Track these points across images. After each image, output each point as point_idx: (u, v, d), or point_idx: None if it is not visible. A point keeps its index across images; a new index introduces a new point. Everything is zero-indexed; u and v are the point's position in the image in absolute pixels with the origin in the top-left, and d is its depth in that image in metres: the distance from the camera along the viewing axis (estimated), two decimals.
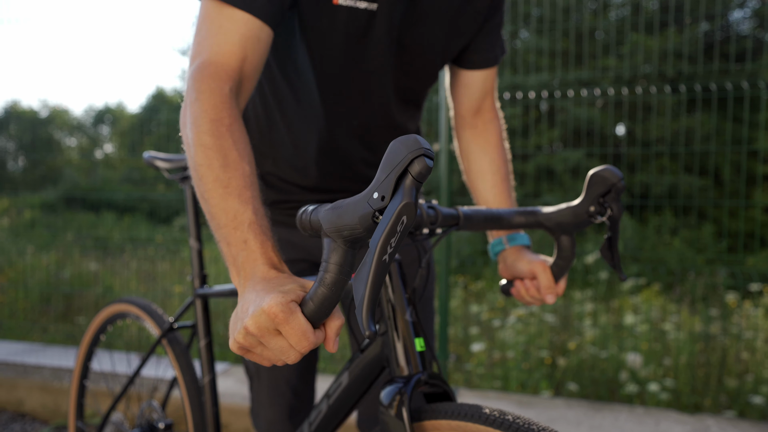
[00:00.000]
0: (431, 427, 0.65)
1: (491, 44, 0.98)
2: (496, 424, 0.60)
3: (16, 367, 2.68)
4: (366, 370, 0.77)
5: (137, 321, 1.35)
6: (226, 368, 2.66)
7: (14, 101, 15.11)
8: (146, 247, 4.06)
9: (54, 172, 8.54)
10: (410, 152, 0.48)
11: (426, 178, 0.48)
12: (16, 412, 2.52)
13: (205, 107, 0.68)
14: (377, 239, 0.47)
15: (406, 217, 0.47)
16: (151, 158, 1.28)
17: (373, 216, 0.49)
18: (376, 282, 0.48)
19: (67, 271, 3.96)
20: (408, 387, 0.66)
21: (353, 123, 0.95)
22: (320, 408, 0.84)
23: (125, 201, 7.06)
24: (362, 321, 0.48)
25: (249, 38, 0.74)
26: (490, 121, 1.04)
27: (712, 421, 2.13)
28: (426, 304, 1.08)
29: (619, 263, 0.79)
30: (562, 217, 0.79)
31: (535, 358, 2.74)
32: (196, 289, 1.18)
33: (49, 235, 4.70)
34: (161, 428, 1.26)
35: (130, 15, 29.42)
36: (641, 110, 2.90)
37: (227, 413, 2.26)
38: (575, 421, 2.11)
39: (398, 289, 0.73)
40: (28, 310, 3.58)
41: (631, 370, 2.56)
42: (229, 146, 0.66)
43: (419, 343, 0.71)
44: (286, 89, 0.95)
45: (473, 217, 0.75)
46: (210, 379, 1.16)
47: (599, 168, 0.77)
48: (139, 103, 19.53)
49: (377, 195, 0.49)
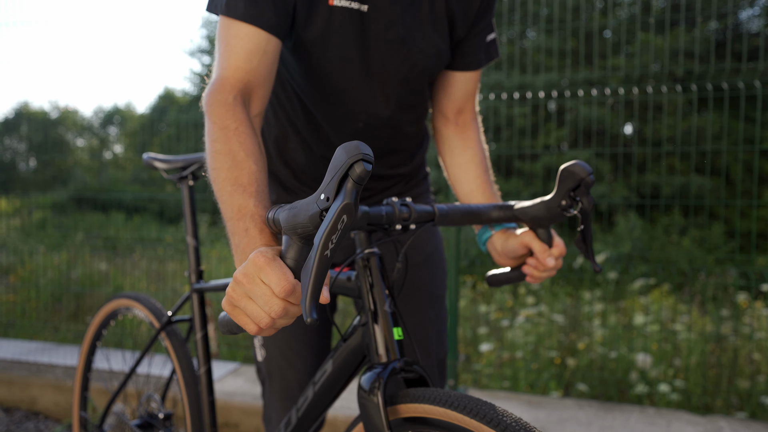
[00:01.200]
0: (404, 410, 0.71)
1: (477, 48, 1.00)
2: (460, 407, 0.65)
3: (29, 366, 2.71)
4: (349, 359, 0.82)
5: (137, 315, 1.39)
6: (236, 368, 2.68)
7: (25, 103, 15.29)
8: (155, 247, 4.09)
9: (64, 172, 8.62)
10: (350, 157, 0.52)
11: (365, 180, 0.53)
12: (29, 410, 2.55)
13: (213, 118, 0.76)
14: (320, 236, 0.52)
15: (346, 216, 0.52)
16: (150, 159, 1.34)
17: (320, 215, 0.54)
18: (319, 274, 0.53)
19: (78, 270, 3.99)
20: (384, 373, 0.71)
21: (358, 126, 0.97)
22: (306, 394, 0.89)
23: (134, 201, 7.12)
24: (305, 309, 0.52)
25: (254, 51, 0.81)
26: (472, 120, 1.07)
27: (725, 422, 2.12)
28: (437, 301, 1.09)
29: (593, 255, 0.84)
30: (536, 211, 0.83)
31: (544, 358, 2.73)
32: (193, 284, 1.24)
33: (60, 235, 4.75)
34: (161, 418, 1.30)
35: (139, 17, 29.61)
36: (651, 110, 2.88)
37: (238, 412, 2.28)
38: (586, 421, 2.11)
39: (378, 281, 0.77)
40: (40, 310, 3.62)
41: (641, 370, 2.54)
42: (237, 148, 0.73)
43: (397, 332, 0.76)
44: (293, 98, 0.98)
45: (450, 213, 0.79)
46: (206, 369, 1.21)
47: (569, 163, 0.80)
48: (148, 104, 19.68)
49: (323, 196, 0.54)
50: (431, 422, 0.68)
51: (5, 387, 2.59)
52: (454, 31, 0.96)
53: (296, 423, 0.90)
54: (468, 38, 0.99)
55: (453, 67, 1.02)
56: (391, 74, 0.93)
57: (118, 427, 1.39)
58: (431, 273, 1.08)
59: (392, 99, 0.96)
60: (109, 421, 1.41)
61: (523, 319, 3.07)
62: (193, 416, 1.22)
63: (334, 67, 0.91)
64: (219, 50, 0.82)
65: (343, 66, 0.91)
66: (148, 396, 1.36)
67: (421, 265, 1.06)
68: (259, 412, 2.25)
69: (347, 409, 2.15)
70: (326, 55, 0.89)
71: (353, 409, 2.15)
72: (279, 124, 1.02)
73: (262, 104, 0.83)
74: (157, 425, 1.32)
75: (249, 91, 0.80)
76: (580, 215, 0.81)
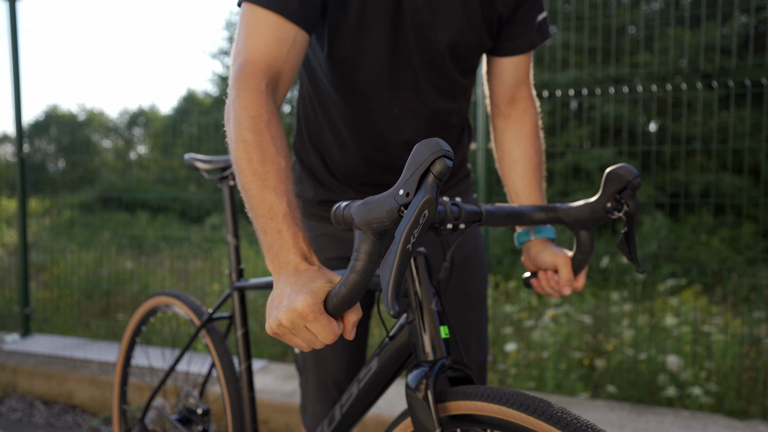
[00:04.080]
0: (454, 407, 0.71)
1: (525, 29, 0.98)
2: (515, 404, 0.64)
3: (65, 361, 2.78)
4: (394, 356, 0.83)
5: (178, 312, 1.41)
6: (264, 365, 2.71)
7: (54, 106, 15.69)
8: (180, 246, 4.17)
9: (91, 173, 8.82)
10: (432, 153, 0.54)
11: (446, 176, 0.54)
12: (67, 403, 2.63)
13: (245, 104, 0.73)
14: (402, 230, 0.54)
15: (427, 211, 0.53)
16: (192, 159, 1.35)
17: (399, 210, 0.55)
18: (401, 268, 0.54)
19: (105, 269, 4.09)
20: (433, 371, 0.72)
21: (393, 113, 0.96)
22: (351, 391, 0.89)
23: (158, 201, 7.25)
24: (387, 302, 0.54)
25: (284, 39, 0.79)
26: (524, 111, 1.04)
27: (764, 427, 2.07)
28: (478, 303, 1.08)
29: (636, 257, 0.84)
30: (580, 213, 0.83)
31: (571, 359, 2.70)
32: (234, 282, 1.25)
33: (88, 234, 4.87)
34: (199, 413, 1.33)
35: (162, 20, 30.12)
36: (684, 106, 2.83)
37: (267, 409, 2.31)
38: (618, 423, 2.08)
39: (424, 280, 0.78)
40: (73, 306, 3.72)
41: (671, 373, 2.50)
42: (267, 142, 0.71)
43: (444, 330, 0.76)
44: (326, 90, 0.98)
45: (495, 213, 0.80)
46: (246, 366, 1.23)
47: (616, 166, 0.80)
48: (171, 106, 20.01)
49: (402, 192, 0.55)
50: (481, 419, 0.68)
51: (44, 381, 2.67)
52: (494, 11, 0.93)
53: (340, 419, 0.91)
54: (515, 19, 0.96)
55: (500, 53, 1.00)
56: (422, 59, 0.93)
57: (159, 421, 1.43)
58: (472, 274, 1.07)
59: (426, 85, 0.95)
60: (150, 415, 1.45)
61: (548, 320, 3.04)
62: (234, 413, 1.24)
63: (368, 55, 0.91)
64: (245, 32, 0.79)
65: (374, 54, 0.90)
66: (187, 392, 1.39)
67: (461, 265, 1.06)
68: (288, 409, 2.28)
69: (375, 407, 2.16)
70: (357, 44, 0.89)
71: (380, 407, 2.16)
72: (316, 118, 1.02)
73: (284, 95, 0.82)
74: (195, 420, 1.35)
75: (277, 80, 0.79)
76: (625, 218, 0.81)
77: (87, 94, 27.58)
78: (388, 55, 0.91)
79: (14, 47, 3.13)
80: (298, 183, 1.09)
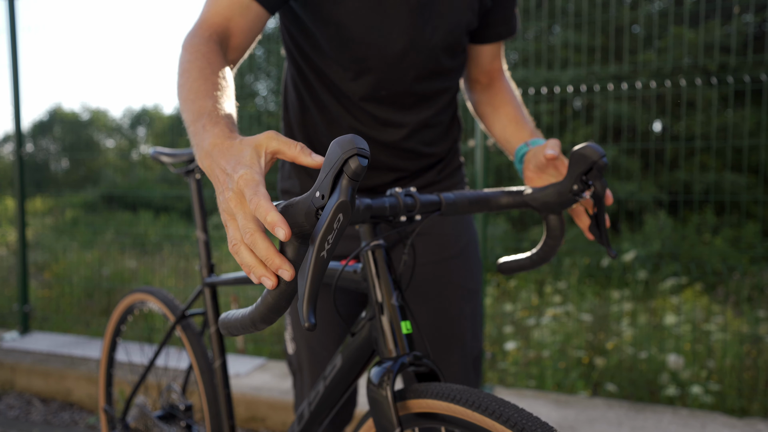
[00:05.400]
0: (415, 405, 0.69)
1: (504, 18, 1.02)
2: (474, 405, 0.62)
3: (64, 359, 2.79)
4: (357, 353, 0.81)
5: (152, 309, 1.39)
6: (263, 363, 2.71)
7: (57, 105, 15.78)
8: (182, 245, 4.17)
9: (94, 172, 8.86)
10: (344, 152, 0.49)
11: (361, 176, 0.49)
12: (64, 401, 2.63)
13: (186, 47, 0.76)
14: (316, 236, 0.49)
15: (342, 215, 0.49)
16: (157, 153, 1.32)
17: (316, 213, 0.51)
18: (316, 276, 0.50)
19: (108, 268, 4.10)
20: (394, 367, 0.70)
21: (381, 93, 0.95)
22: (317, 389, 0.88)
23: (161, 200, 7.27)
24: (302, 313, 0.50)
25: (236, 3, 0.82)
26: (505, 82, 1.08)
27: (763, 425, 2.05)
28: (473, 296, 1.07)
29: (608, 240, 0.80)
30: (546, 196, 0.80)
31: (571, 357, 2.68)
32: (205, 278, 1.23)
33: (91, 233, 4.88)
34: (182, 409, 1.32)
35: (167, 18, 30.24)
36: (684, 105, 2.80)
37: (264, 407, 2.30)
38: (616, 421, 2.06)
39: (384, 274, 0.75)
40: (73, 305, 3.73)
41: (672, 371, 2.48)
42: (204, 65, 0.71)
43: (405, 326, 0.74)
44: (311, 70, 0.97)
45: (457, 201, 0.77)
46: (221, 362, 1.21)
47: (580, 146, 0.76)
48: (175, 105, 20.08)
49: (318, 194, 0.50)
50: (441, 418, 0.67)
51: (42, 378, 2.68)
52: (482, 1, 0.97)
53: (309, 417, 0.90)
54: (496, 8, 1.00)
55: (483, 40, 1.03)
56: (410, 41, 0.92)
57: (141, 418, 1.41)
58: (466, 266, 1.06)
59: (413, 67, 0.94)
60: (132, 413, 1.43)
61: (549, 318, 3.03)
62: (211, 408, 1.23)
63: (352, 35, 0.90)
64: (205, 4, 0.84)
65: (359, 34, 0.90)
66: (169, 387, 1.37)
67: (456, 258, 1.04)
68: (286, 407, 2.27)
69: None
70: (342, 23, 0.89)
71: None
72: (302, 104, 1.01)
73: (238, 55, 0.83)
74: (179, 416, 1.33)
75: (226, 36, 0.80)
76: (592, 200, 0.78)
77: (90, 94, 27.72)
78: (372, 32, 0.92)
79: (13, 45, 3.14)
80: (288, 179, 1.08)
